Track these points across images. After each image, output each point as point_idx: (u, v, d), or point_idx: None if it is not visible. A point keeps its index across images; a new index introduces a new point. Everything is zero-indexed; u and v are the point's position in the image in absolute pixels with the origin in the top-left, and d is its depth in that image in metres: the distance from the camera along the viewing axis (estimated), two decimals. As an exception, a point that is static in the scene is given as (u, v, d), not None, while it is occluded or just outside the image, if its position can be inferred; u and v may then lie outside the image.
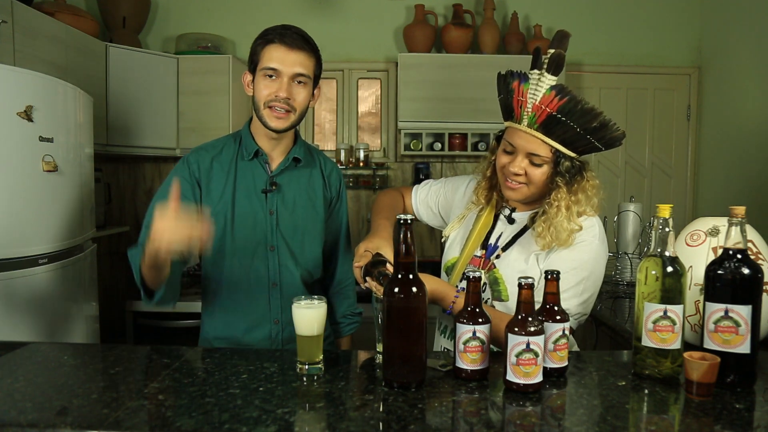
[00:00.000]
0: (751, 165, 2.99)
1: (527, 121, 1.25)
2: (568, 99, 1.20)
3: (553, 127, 1.23)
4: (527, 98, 1.24)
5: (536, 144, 1.26)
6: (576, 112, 1.21)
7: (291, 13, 3.45)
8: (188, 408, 0.97)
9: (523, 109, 1.25)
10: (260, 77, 1.42)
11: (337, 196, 1.62)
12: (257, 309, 1.50)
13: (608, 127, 1.23)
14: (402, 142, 3.40)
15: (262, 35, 1.43)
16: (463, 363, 1.09)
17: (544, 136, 1.25)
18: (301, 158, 1.52)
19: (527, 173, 1.30)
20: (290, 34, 1.41)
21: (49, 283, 2.04)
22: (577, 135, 1.23)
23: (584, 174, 1.31)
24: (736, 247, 1.08)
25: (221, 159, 1.49)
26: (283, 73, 1.40)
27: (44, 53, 2.41)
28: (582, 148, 1.28)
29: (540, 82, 1.23)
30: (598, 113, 1.22)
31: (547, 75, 1.23)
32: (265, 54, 1.41)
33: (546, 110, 1.22)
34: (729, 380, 1.06)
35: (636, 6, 3.54)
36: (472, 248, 1.42)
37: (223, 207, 1.46)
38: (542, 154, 1.27)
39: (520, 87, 1.26)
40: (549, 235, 1.28)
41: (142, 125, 3.12)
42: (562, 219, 1.27)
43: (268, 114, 1.42)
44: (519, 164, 1.29)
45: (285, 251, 1.49)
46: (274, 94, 1.40)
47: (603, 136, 1.24)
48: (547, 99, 1.22)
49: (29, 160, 1.93)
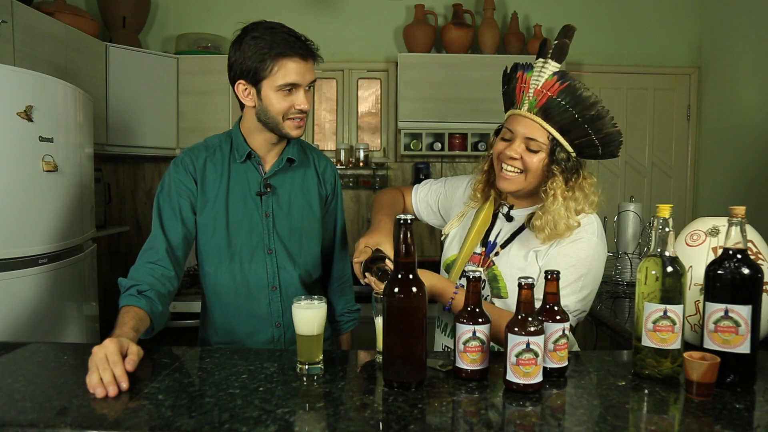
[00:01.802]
0: (751, 165, 2.99)
1: (528, 106, 1.30)
2: (568, 84, 1.25)
3: (551, 111, 1.27)
4: (530, 84, 1.29)
5: (534, 128, 1.29)
6: (575, 98, 1.24)
7: (291, 13, 3.45)
8: (188, 408, 0.97)
9: (525, 95, 1.30)
10: (274, 91, 1.36)
11: (332, 193, 1.61)
12: (258, 313, 1.49)
13: (605, 119, 1.25)
14: (402, 142, 3.40)
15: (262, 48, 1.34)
16: (463, 363, 1.09)
17: (542, 121, 1.28)
18: (295, 158, 1.50)
19: (523, 159, 1.31)
20: (297, 43, 1.36)
21: (49, 283, 2.04)
22: (575, 122, 1.26)
23: (581, 172, 1.33)
24: (736, 247, 1.08)
25: (215, 160, 1.47)
26: (301, 85, 1.38)
27: (44, 53, 2.41)
28: (579, 141, 1.29)
29: (544, 68, 1.28)
30: (595, 101, 1.24)
31: (551, 62, 1.28)
32: (281, 68, 1.34)
33: (547, 94, 1.26)
34: (729, 380, 1.06)
35: (636, 6, 3.54)
36: (472, 246, 1.43)
37: (217, 210, 1.45)
38: (539, 139, 1.29)
39: (524, 75, 1.31)
40: (547, 227, 1.29)
41: (142, 125, 3.12)
42: (559, 207, 1.28)
43: (290, 125, 1.40)
44: (516, 149, 1.31)
45: (283, 253, 1.48)
46: (296, 107, 1.38)
47: (600, 129, 1.26)
48: (549, 84, 1.26)
49: (29, 160, 1.93)
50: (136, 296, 1.28)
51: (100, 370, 1.02)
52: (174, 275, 1.39)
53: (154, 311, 1.29)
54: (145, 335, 1.28)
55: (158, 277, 1.35)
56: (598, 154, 1.31)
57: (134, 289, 1.29)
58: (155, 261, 1.38)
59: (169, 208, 1.43)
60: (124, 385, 1.02)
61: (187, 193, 1.44)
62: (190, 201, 1.44)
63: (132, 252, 3.62)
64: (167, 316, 1.37)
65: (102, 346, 1.07)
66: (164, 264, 1.38)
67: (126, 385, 1.03)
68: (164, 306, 1.34)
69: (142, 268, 1.36)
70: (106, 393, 1.00)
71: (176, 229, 1.42)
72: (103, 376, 1.02)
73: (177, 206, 1.43)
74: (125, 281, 1.32)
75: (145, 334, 1.28)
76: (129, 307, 1.26)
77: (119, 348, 1.08)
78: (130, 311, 1.25)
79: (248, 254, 1.46)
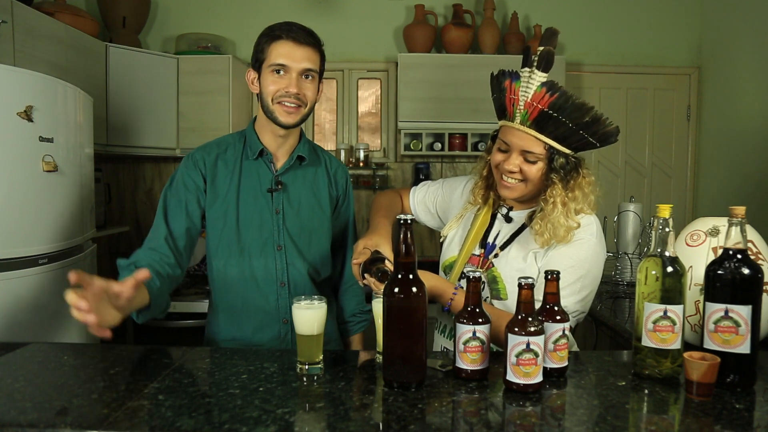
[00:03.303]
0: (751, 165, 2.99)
1: (520, 119, 1.27)
2: (558, 95, 1.21)
3: (545, 123, 1.24)
4: (519, 96, 1.26)
5: (530, 141, 1.27)
6: (567, 108, 1.22)
7: (291, 13, 3.45)
8: (188, 408, 0.97)
9: (516, 108, 1.27)
10: (267, 73, 1.41)
11: (344, 195, 1.62)
12: (266, 309, 1.50)
13: (600, 121, 1.24)
14: (402, 142, 3.40)
15: (267, 32, 1.43)
16: (463, 363, 1.09)
17: (537, 133, 1.26)
18: (306, 156, 1.52)
19: (522, 170, 1.30)
20: (296, 30, 1.42)
21: (49, 283, 2.04)
22: (570, 130, 1.24)
23: (580, 171, 1.32)
24: (736, 247, 1.08)
25: (226, 158, 1.50)
26: (291, 68, 1.40)
27: (44, 53, 2.41)
28: (576, 144, 1.28)
29: (531, 79, 1.24)
30: (589, 108, 1.22)
31: (537, 72, 1.24)
32: (273, 50, 1.40)
33: (538, 107, 1.23)
34: (729, 380, 1.06)
35: (636, 6, 3.54)
36: (471, 247, 1.43)
37: (228, 206, 1.46)
38: (536, 151, 1.27)
39: (512, 85, 1.27)
40: (547, 232, 1.28)
41: (142, 125, 3.12)
42: (558, 215, 1.28)
43: (278, 109, 1.42)
44: (514, 162, 1.30)
45: (292, 250, 1.49)
46: (283, 89, 1.40)
47: (596, 131, 1.25)
48: (539, 96, 1.23)
49: (29, 160, 1.93)
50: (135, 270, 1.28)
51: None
52: (174, 263, 1.41)
53: (152, 287, 1.29)
54: (143, 317, 1.28)
55: (157, 259, 1.38)
56: (595, 146, 1.30)
57: (132, 266, 1.32)
58: (155, 247, 1.41)
59: (175, 200, 1.46)
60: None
61: (194, 188, 1.47)
62: (197, 196, 1.47)
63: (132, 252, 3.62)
64: (166, 299, 1.37)
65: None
66: (163, 250, 1.41)
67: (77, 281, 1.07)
68: (163, 285, 1.34)
69: (142, 252, 1.40)
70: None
71: (179, 221, 1.45)
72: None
73: (183, 199, 1.46)
74: (123, 261, 1.35)
75: (143, 314, 1.28)
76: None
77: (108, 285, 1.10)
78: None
79: (257, 250, 1.47)
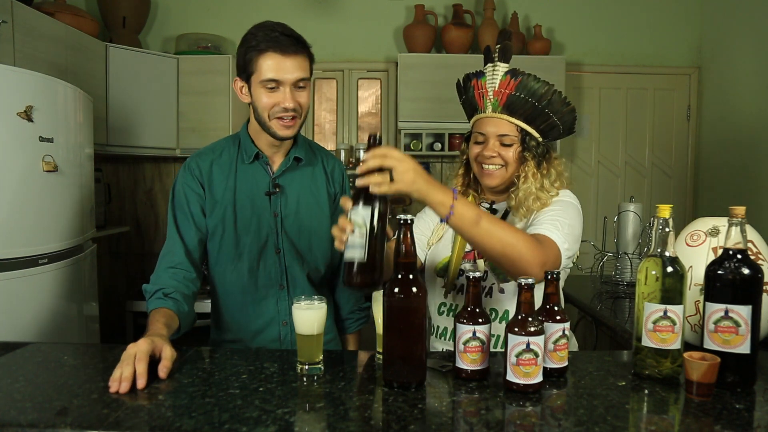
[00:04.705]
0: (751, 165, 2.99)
1: (491, 107, 1.39)
2: (521, 79, 1.35)
3: (515, 107, 1.37)
4: (487, 88, 1.39)
5: (503, 125, 1.39)
6: (530, 89, 1.35)
7: (291, 13, 3.45)
8: (188, 408, 0.97)
9: (486, 99, 1.39)
10: (259, 87, 1.36)
11: (341, 192, 1.60)
12: (265, 312, 1.49)
13: (560, 100, 1.36)
14: (402, 142, 3.40)
15: (250, 44, 1.35)
16: (463, 363, 1.09)
17: (509, 117, 1.38)
18: (302, 157, 1.51)
19: (501, 155, 1.40)
20: (282, 39, 1.34)
21: (49, 283, 2.04)
22: (537, 110, 1.36)
23: (551, 154, 1.44)
24: (736, 247, 1.08)
25: (221, 162, 1.48)
26: (284, 81, 1.35)
27: (44, 53, 2.41)
28: (543, 126, 1.39)
29: (495, 71, 1.38)
30: (548, 88, 1.35)
31: (499, 64, 1.38)
32: (262, 64, 1.34)
33: (506, 93, 1.36)
34: (729, 380, 1.06)
35: (636, 6, 3.54)
36: (463, 244, 1.44)
37: (225, 211, 1.45)
38: (510, 134, 1.38)
39: (479, 82, 1.40)
40: (522, 205, 1.37)
41: (142, 125, 3.12)
42: (530, 185, 1.37)
43: (277, 125, 1.39)
44: (492, 148, 1.39)
45: (291, 253, 1.49)
46: (280, 105, 1.36)
47: (558, 110, 1.37)
48: (504, 83, 1.36)
49: (29, 160, 1.93)
50: (163, 299, 1.33)
51: (123, 366, 1.05)
52: (195, 277, 1.43)
53: (181, 311, 1.33)
54: (173, 336, 1.31)
55: (180, 279, 1.39)
56: (560, 133, 1.43)
57: (160, 293, 1.34)
58: (175, 265, 1.41)
59: (182, 213, 1.46)
60: (141, 381, 1.04)
61: (196, 197, 1.46)
62: (200, 204, 1.46)
63: (132, 252, 3.63)
64: (193, 316, 1.41)
65: (135, 344, 1.10)
66: (184, 267, 1.41)
67: (143, 383, 1.04)
68: (190, 307, 1.38)
69: (164, 273, 1.39)
70: (119, 389, 1.02)
71: (191, 233, 1.45)
72: (123, 371, 1.04)
73: (188, 211, 1.45)
74: (149, 287, 1.36)
75: (173, 334, 1.31)
76: (157, 309, 1.31)
77: (151, 347, 1.11)
78: (160, 312, 1.29)
79: (256, 254, 1.47)
